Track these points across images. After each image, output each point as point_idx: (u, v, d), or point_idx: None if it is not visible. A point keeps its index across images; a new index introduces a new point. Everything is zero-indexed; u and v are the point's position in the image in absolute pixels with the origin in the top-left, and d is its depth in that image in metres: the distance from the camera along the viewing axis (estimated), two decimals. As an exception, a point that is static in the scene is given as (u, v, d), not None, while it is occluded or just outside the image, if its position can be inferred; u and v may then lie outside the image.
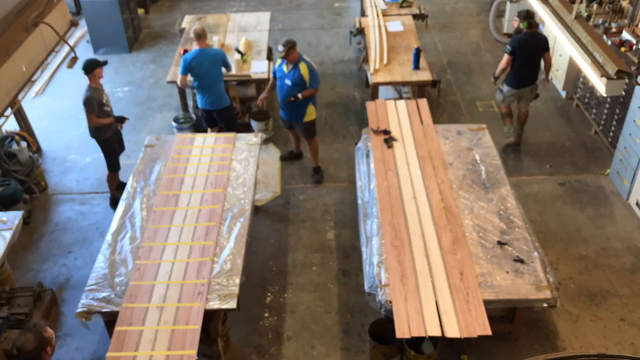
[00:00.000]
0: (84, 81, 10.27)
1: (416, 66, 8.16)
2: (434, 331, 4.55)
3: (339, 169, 7.91)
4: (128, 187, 6.17)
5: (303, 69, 6.90)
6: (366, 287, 5.22)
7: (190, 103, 8.82)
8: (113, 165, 7.11)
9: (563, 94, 9.11)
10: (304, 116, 7.22)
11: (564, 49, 7.87)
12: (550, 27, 5.99)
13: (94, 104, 6.67)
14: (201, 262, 5.20)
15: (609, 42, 5.87)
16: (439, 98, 9.13)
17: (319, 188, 7.58)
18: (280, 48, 6.76)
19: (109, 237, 5.55)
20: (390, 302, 4.82)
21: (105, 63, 6.86)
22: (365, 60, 8.87)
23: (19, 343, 4.09)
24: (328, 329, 5.78)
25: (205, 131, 7.83)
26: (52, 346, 4.20)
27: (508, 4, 10.24)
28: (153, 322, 4.68)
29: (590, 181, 7.50)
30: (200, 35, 7.18)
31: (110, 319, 4.93)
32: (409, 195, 5.86)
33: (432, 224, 5.50)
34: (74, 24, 7.11)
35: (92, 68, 6.67)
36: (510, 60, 7.29)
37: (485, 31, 11.03)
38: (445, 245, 5.26)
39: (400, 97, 8.89)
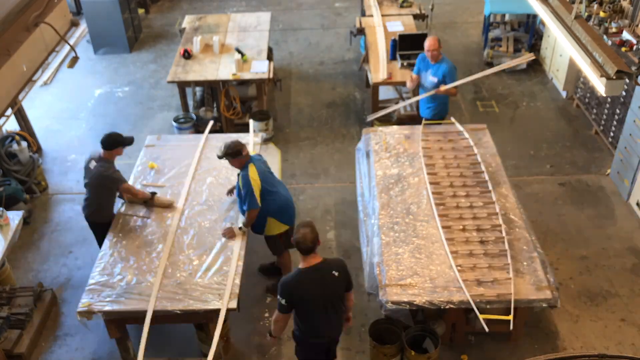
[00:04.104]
0: (84, 81, 10.31)
1: (393, 57, 8.33)
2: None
3: (339, 169, 7.91)
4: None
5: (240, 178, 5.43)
6: (366, 287, 5.23)
7: (190, 103, 8.82)
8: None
9: (563, 94, 9.11)
10: (262, 228, 5.68)
11: (564, 49, 7.88)
12: (550, 27, 5.97)
13: (120, 177, 5.68)
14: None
15: (609, 42, 5.87)
16: (439, 98, 9.13)
17: (319, 188, 7.58)
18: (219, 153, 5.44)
19: (109, 236, 5.55)
20: (391, 302, 4.83)
21: (131, 142, 5.75)
22: (366, 60, 8.86)
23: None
24: (328, 329, 5.77)
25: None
26: None
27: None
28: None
29: (590, 181, 7.50)
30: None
31: (111, 319, 4.93)
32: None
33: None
34: (74, 24, 7.09)
35: (113, 145, 5.60)
36: None
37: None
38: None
39: (401, 97, 8.89)
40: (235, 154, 5.34)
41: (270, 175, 5.64)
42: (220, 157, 5.40)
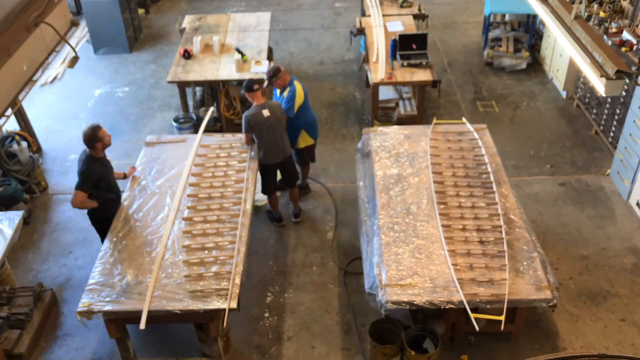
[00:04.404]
0: (84, 81, 10.32)
1: (393, 57, 8.32)
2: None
3: (339, 169, 7.91)
4: (128, 186, 6.17)
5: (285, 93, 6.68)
6: (366, 287, 5.22)
7: (190, 103, 8.82)
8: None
9: (563, 94, 9.12)
10: (296, 140, 6.94)
11: (564, 49, 7.87)
12: (550, 27, 5.98)
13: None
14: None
15: (609, 42, 5.87)
16: (440, 98, 9.14)
17: (319, 188, 7.58)
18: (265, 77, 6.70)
19: (109, 236, 5.56)
20: (391, 302, 4.83)
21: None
22: (366, 60, 8.87)
23: None
24: (328, 329, 5.78)
25: None
26: None
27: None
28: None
29: (590, 181, 7.50)
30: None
31: (111, 319, 4.93)
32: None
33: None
34: (74, 24, 7.09)
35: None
36: None
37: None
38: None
39: (401, 98, 8.89)
40: (275, 73, 6.56)
41: (307, 95, 6.79)
42: (267, 85, 6.59)
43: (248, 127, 6.32)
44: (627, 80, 4.89)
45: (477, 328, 4.77)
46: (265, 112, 6.23)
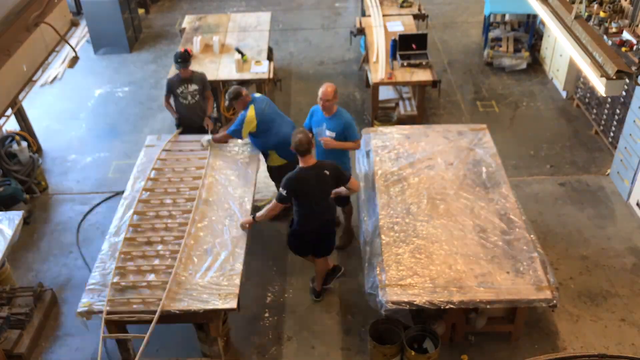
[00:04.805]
0: (84, 81, 10.30)
1: (393, 57, 8.30)
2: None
3: (339, 169, 7.90)
4: (128, 186, 6.17)
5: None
6: (366, 287, 5.23)
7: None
8: None
9: (563, 94, 9.12)
10: (267, 159, 6.60)
11: (564, 49, 7.87)
12: (550, 27, 5.99)
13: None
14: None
15: (609, 42, 5.87)
16: (440, 98, 9.14)
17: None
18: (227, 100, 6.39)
19: (109, 236, 5.55)
20: (391, 302, 4.83)
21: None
22: (366, 60, 8.87)
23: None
24: (328, 329, 5.78)
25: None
26: None
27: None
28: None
29: (590, 181, 7.50)
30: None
31: (111, 319, 4.93)
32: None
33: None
34: (74, 24, 7.10)
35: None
36: None
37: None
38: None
39: (401, 98, 8.89)
40: (236, 97, 6.16)
41: (272, 113, 6.30)
42: (228, 108, 6.47)
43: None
44: (627, 80, 4.90)
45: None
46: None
